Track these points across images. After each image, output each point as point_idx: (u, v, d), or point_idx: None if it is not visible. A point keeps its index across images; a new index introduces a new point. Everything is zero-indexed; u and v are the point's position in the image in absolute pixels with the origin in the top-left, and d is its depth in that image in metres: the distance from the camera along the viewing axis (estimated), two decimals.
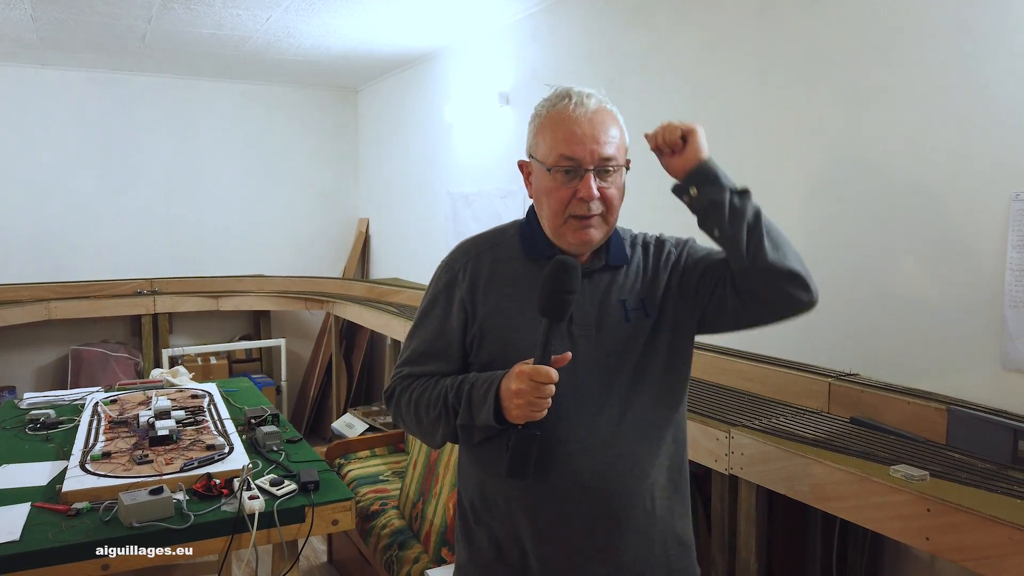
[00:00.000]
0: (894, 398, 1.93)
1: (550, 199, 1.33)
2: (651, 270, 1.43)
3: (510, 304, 1.36)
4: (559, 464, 1.31)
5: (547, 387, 1.20)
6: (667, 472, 1.40)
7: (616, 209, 1.35)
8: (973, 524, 1.37)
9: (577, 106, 1.32)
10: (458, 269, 1.42)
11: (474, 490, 1.43)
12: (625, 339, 1.35)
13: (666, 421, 1.40)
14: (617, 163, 1.33)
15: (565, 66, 3.44)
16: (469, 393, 1.31)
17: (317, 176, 5.94)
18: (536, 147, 1.37)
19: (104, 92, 5.20)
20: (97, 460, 2.31)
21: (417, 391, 1.39)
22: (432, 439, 1.41)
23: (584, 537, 1.34)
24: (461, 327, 1.39)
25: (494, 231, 1.48)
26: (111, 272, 5.24)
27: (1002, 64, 1.81)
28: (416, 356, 1.43)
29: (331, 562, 3.67)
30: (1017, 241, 1.77)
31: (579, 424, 1.32)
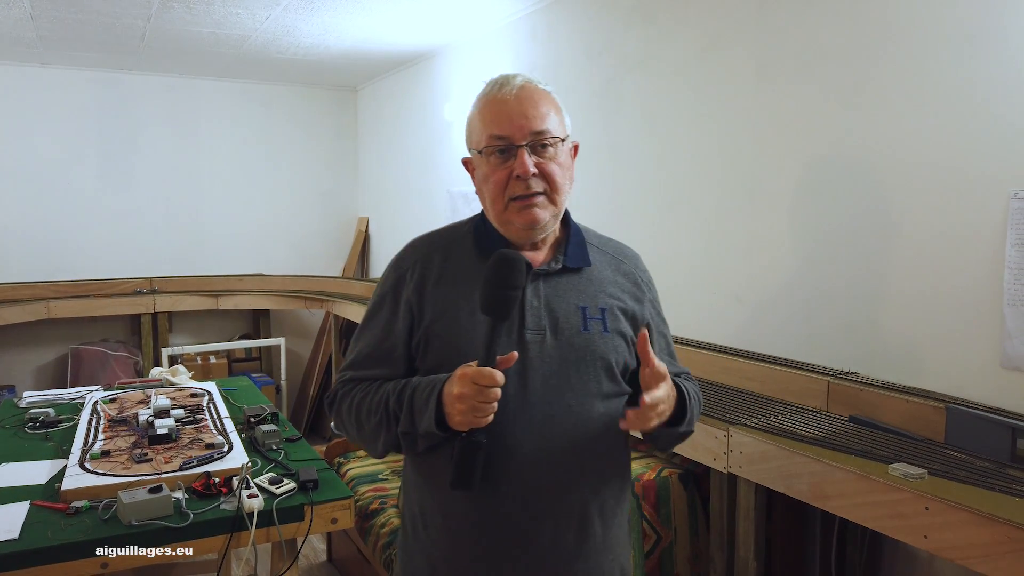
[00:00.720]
0: (893, 396, 1.93)
1: (488, 185, 1.27)
2: (618, 287, 1.35)
3: (458, 306, 1.27)
4: (504, 479, 1.22)
5: (492, 391, 1.12)
6: (617, 496, 1.33)
7: (560, 186, 1.27)
8: (971, 522, 1.37)
9: (502, 87, 1.28)
10: (406, 269, 1.34)
11: (415, 504, 1.35)
12: (581, 348, 1.27)
13: (617, 440, 1.32)
14: (552, 135, 1.26)
15: (564, 65, 3.44)
16: (411, 398, 1.22)
17: (317, 175, 5.94)
18: (470, 137, 1.32)
19: (104, 91, 5.20)
20: (96, 459, 2.31)
21: (359, 396, 1.31)
22: (374, 448, 1.32)
23: (529, 564, 1.24)
24: (407, 330, 1.31)
25: (448, 228, 1.41)
26: (111, 271, 5.24)
27: (1001, 63, 1.81)
28: (361, 360, 1.35)
29: (330, 561, 3.67)
30: (1016, 240, 1.77)
31: (527, 436, 1.23)
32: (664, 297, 1.50)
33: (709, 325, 2.70)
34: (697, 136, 2.75)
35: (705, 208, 2.72)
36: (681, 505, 2.17)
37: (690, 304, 2.77)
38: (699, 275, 2.73)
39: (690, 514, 2.19)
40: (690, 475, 2.21)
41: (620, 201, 3.13)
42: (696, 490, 2.22)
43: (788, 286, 2.41)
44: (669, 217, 2.86)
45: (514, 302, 1.17)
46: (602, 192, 3.22)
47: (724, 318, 2.64)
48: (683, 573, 2.19)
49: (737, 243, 2.58)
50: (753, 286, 2.53)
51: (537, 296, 1.28)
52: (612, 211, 3.16)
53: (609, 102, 3.16)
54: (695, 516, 2.19)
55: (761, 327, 2.50)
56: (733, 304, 2.59)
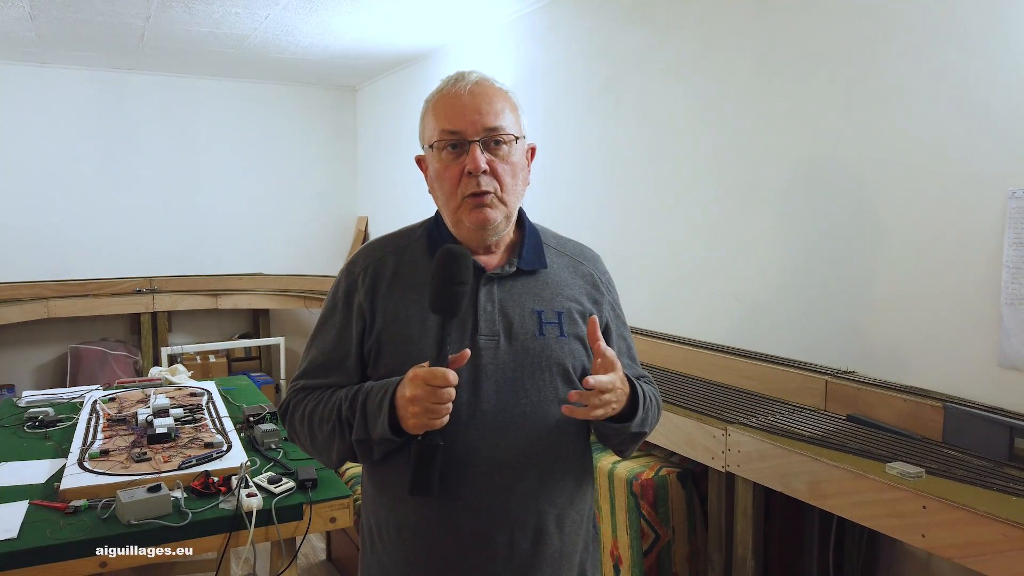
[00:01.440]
0: (890, 395, 1.94)
1: (441, 182, 1.24)
2: (576, 289, 1.31)
3: (410, 312, 1.23)
4: (457, 489, 1.19)
5: (445, 391, 1.08)
6: (571, 501, 1.28)
7: (510, 187, 1.23)
8: (969, 521, 1.37)
9: (457, 82, 1.26)
10: (358, 273, 1.30)
11: (371, 515, 1.31)
12: (536, 353, 1.23)
13: (576, 447, 1.29)
14: (506, 134, 1.22)
15: (564, 64, 3.44)
16: (363, 404, 1.18)
17: (316, 174, 5.95)
18: (422, 133, 1.29)
19: (103, 90, 5.20)
20: (95, 458, 2.31)
21: (311, 405, 1.27)
22: (328, 458, 1.27)
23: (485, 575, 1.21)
24: (359, 337, 1.27)
25: (401, 231, 1.37)
26: (110, 270, 5.24)
27: (999, 62, 1.81)
28: (313, 368, 1.31)
29: (330, 559, 3.67)
30: (1014, 239, 1.77)
31: (481, 444, 1.19)
32: (662, 296, 1.51)
33: (707, 324, 2.71)
34: (696, 136, 2.75)
35: (703, 207, 2.72)
36: (679, 504, 2.18)
37: (688, 303, 2.77)
38: (697, 274, 2.73)
39: (688, 513, 2.19)
40: (688, 474, 2.21)
41: (618, 200, 3.13)
42: (694, 489, 2.22)
43: (786, 285, 2.41)
44: (667, 217, 2.86)
45: (462, 298, 1.13)
46: (600, 191, 3.22)
47: (722, 317, 2.64)
48: (681, 572, 2.19)
49: (736, 242, 2.59)
50: (751, 285, 2.54)
51: (491, 300, 1.24)
52: (610, 210, 3.16)
53: (608, 102, 3.16)
54: (693, 515, 2.20)
55: (759, 326, 2.51)
56: (731, 303, 2.59)
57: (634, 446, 1.35)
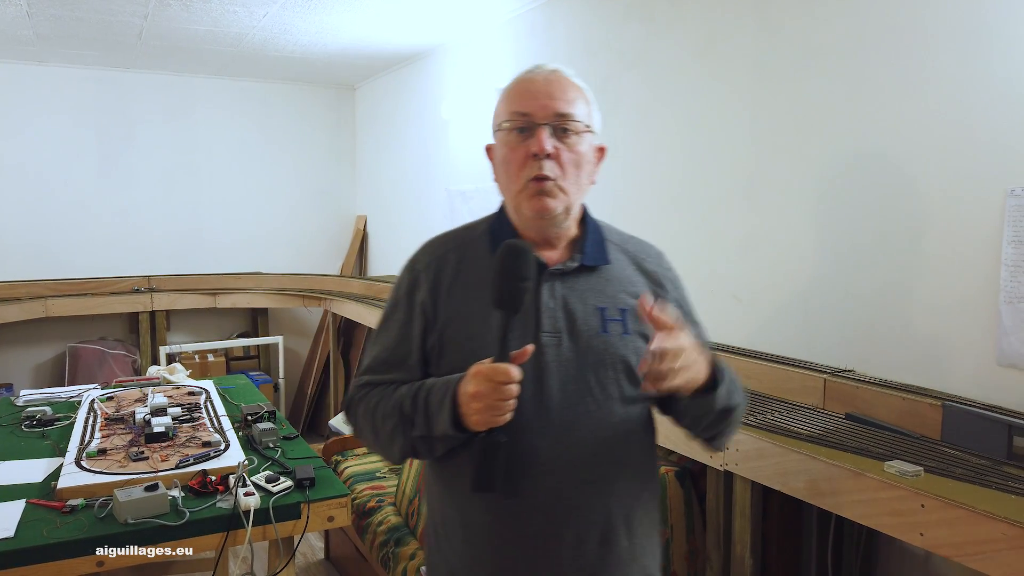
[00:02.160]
0: (889, 394, 1.93)
1: (506, 165, 1.23)
2: (639, 286, 1.29)
3: (472, 309, 1.23)
4: (522, 488, 1.18)
5: (508, 387, 1.07)
6: (640, 502, 1.27)
7: (573, 178, 1.22)
8: (967, 519, 1.36)
9: (534, 70, 1.25)
10: (420, 271, 1.30)
11: (437, 513, 1.31)
12: (600, 350, 1.21)
13: (643, 447, 1.28)
14: (576, 121, 1.21)
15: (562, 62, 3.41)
16: (426, 400, 1.18)
17: (315, 173, 5.94)
18: (494, 119, 1.28)
19: (101, 89, 5.19)
20: (93, 457, 2.31)
21: (374, 401, 1.27)
22: (391, 453, 1.28)
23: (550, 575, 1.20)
24: (420, 335, 1.27)
25: (463, 228, 1.36)
26: (108, 269, 5.24)
27: (998, 61, 1.81)
28: (376, 364, 1.31)
29: (328, 559, 3.67)
30: (1012, 237, 1.77)
31: (545, 442, 1.18)
32: None
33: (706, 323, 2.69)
34: (695, 133, 2.74)
35: (702, 206, 2.71)
36: (677, 502, 2.17)
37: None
38: (696, 273, 2.73)
39: (686, 512, 2.19)
40: (686, 472, 2.21)
41: (617, 199, 3.13)
42: (692, 488, 2.22)
43: (785, 284, 2.40)
44: (666, 215, 2.86)
45: (525, 293, 1.10)
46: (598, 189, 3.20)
47: (721, 316, 2.63)
48: (679, 570, 2.18)
49: (734, 241, 2.58)
50: (750, 284, 2.53)
51: (553, 297, 1.23)
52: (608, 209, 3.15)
53: (607, 99, 3.15)
54: (691, 514, 2.19)
55: (758, 325, 2.50)
56: (730, 302, 2.59)
57: (726, 430, 1.29)
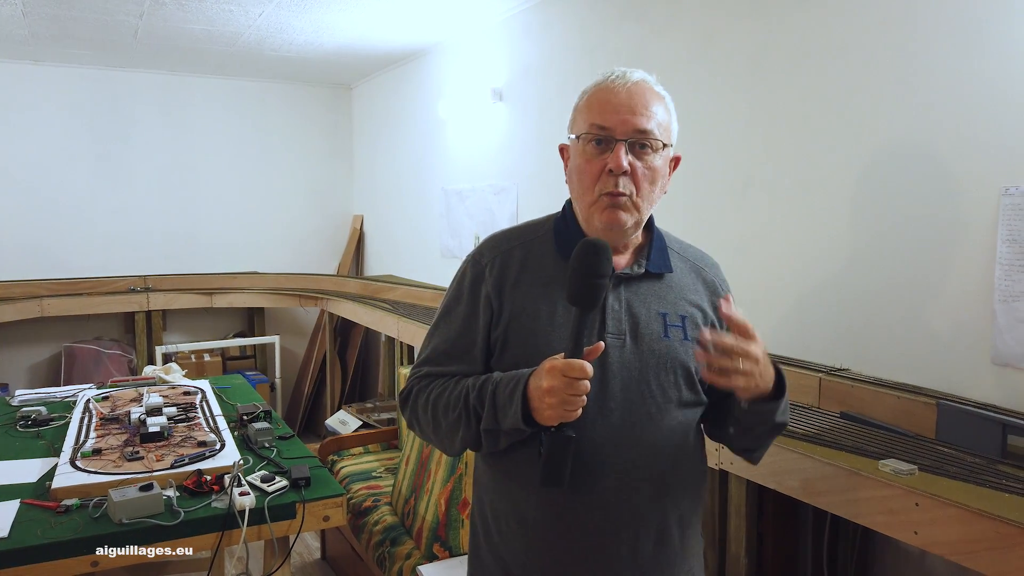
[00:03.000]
0: (884, 393, 1.93)
1: (581, 175, 1.24)
2: (699, 295, 1.32)
3: (538, 306, 1.25)
4: (583, 486, 1.20)
5: (581, 383, 1.08)
6: (692, 504, 1.31)
7: (647, 193, 1.24)
8: (961, 518, 1.37)
9: (618, 79, 1.25)
10: (486, 264, 1.31)
11: (487, 505, 1.32)
12: (661, 354, 1.24)
13: (697, 449, 1.32)
14: (655, 139, 1.22)
15: (559, 61, 3.44)
16: (493, 394, 1.18)
17: (311, 173, 5.93)
18: (573, 123, 1.29)
19: (96, 88, 5.18)
20: (87, 457, 2.30)
21: (435, 392, 1.28)
22: (451, 445, 1.28)
23: (606, 573, 1.23)
24: (486, 327, 1.28)
25: (528, 225, 1.38)
26: (104, 269, 5.23)
27: (993, 60, 1.81)
28: (437, 355, 1.32)
29: (324, 558, 3.67)
30: (1007, 236, 1.77)
31: (607, 441, 1.20)
32: None
33: None
34: (689, 133, 2.74)
35: (698, 205, 2.72)
36: None
37: None
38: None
39: None
40: None
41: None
42: None
43: (780, 283, 2.41)
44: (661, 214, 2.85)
45: (602, 291, 1.12)
46: None
47: None
48: None
49: (729, 240, 2.58)
50: (745, 283, 2.53)
51: (618, 300, 1.25)
52: None
53: None
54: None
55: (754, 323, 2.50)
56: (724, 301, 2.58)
57: (768, 445, 1.34)
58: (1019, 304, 1.76)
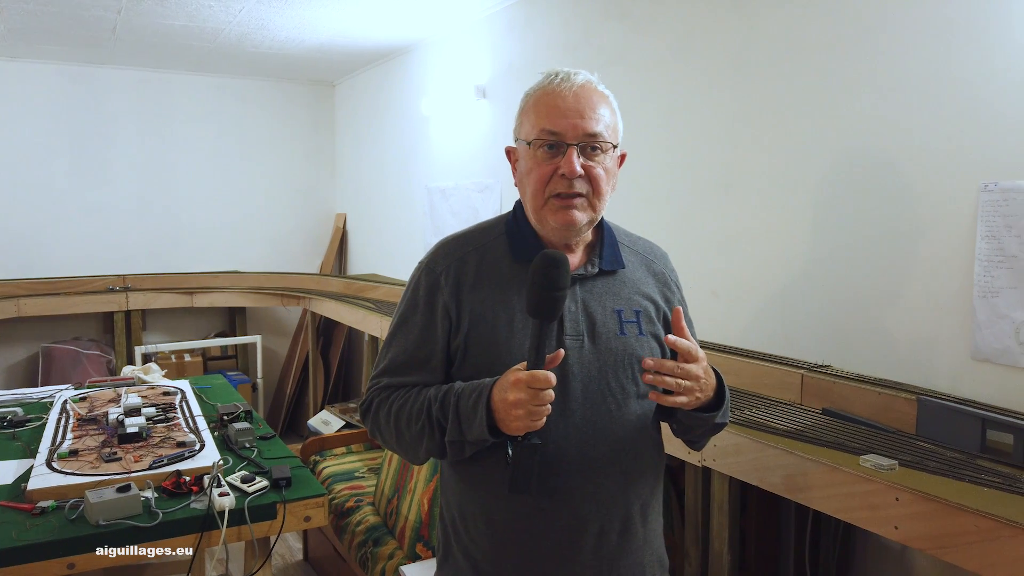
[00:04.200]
0: (865, 389, 1.94)
1: (531, 178, 1.25)
2: (650, 287, 1.34)
3: (497, 313, 1.25)
4: (548, 486, 1.22)
5: (546, 393, 1.11)
6: (652, 490, 1.34)
7: (603, 193, 1.26)
8: (940, 512, 1.37)
9: (563, 81, 1.26)
10: (440, 272, 1.30)
11: (456, 507, 1.34)
12: (618, 352, 1.26)
13: (655, 440, 1.34)
14: (604, 141, 1.24)
15: (542, 59, 3.43)
16: (456, 406, 1.19)
17: (293, 171, 5.89)
18: (520, 127, 1.30)
19: (74, 85, 5.11)
20: (64, 458, 2.27)
21: (397, 404, 1.28)
22: (415, 455, 1.29)
23: (575, 567, 1.25)
24: (445, 337, 1.28)
25: (479, 229, 1.37)
26: (82, 268, 5.16)
27: (972, 57, 1.82)
28: (395, 366, 1.31)
29: (307, 560, 3.64)
30: (986, 232, 1.79)
31: (571, 442, 1.22)
32: None
33: None
34: (672, 130, 2.75)
35: (681, 203, 2.72)
36: None
37: None
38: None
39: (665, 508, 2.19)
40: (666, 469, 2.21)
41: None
42: (671, 484, 2.22)
43: (763, 280, 2.41)
44: (644, 211, 2.85)
45: (562, 302, 1.14)
46: None
47: (699, 312, 2.62)
48: None
49: (712, 238, 2.59)
50: (728, 281, 2.54)
51: (575, 301, 1.26)
52: None
53: None
54: (670, 510, 2.20)
55: (736, 321, 2.51)
56: (708, 298, 2.59)
57: (709, 438, 1.43)
58: (998, 300, 1.77)
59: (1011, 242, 1.74)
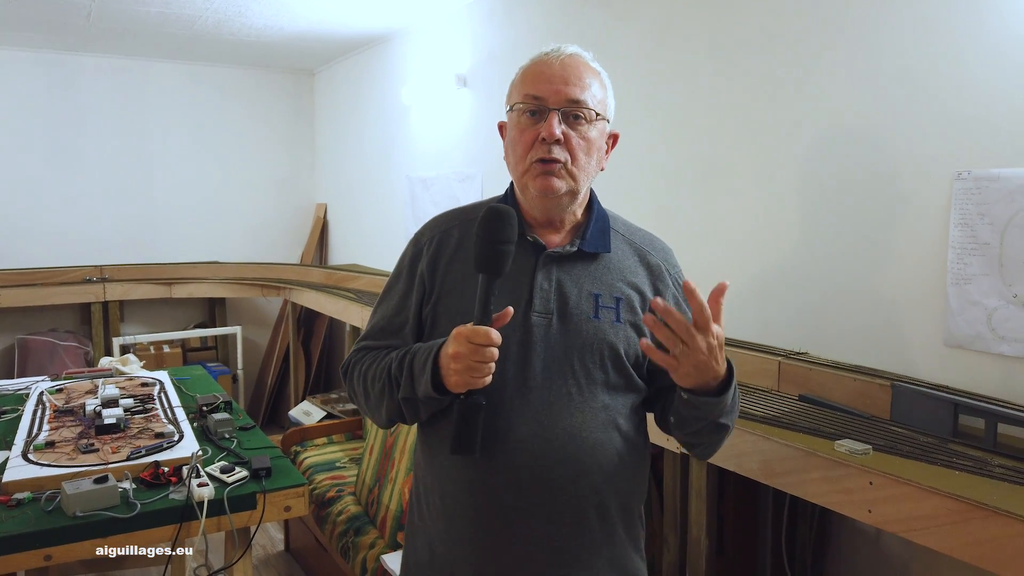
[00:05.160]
0: (841, 375, 1.97)
1: (514, 145, 1.25)
2: (639, 278, 1.29)
3: (468, 283, 1.23)
4: (498, 464, 1.19)
5: (488, 350, 1.08)
6: (617, 494, 1.25)
7: (582, 163, 1.22)
8: (913, 496, 1.40)
9: (552, 52, 1.26)
10: (424, 243, 1.33)
11: (421, 481, 1.33)
12: (588, 335, 1.22)
13: (627, 434, 1.26)
14: (588, 109, 1.22)
15: (522, 47, 3.42)
16: (411, 363, 1.20)
17: (273, 160, 5.84)
18: (509, 97, 1.29)
19: (48, 73, 5.03)
20: (40, 450, 2.25)
21: (367, 364, 1.31)
22: (379, 415, 1.30)
23: (522, 556, 1.21)
24: (418, 304, 1.30)
25: (471, 205, 1.37)
26: (59, 259, 5.09)
27: (946, 47, 1.84)
28: (375, 331, 1.36)
29: (288, 550, 3.64)
30: (959, 219, 1.81)
31: (524, 420, 1.19)
32: None
33: None
34: (653, 120, 2.75)
35: (660, 192, 2.73)
36: None
37: None
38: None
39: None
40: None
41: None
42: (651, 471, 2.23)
43: (741, 269, 2.43)
44: (624, 201, 2.86)
45: (507, 257, 1.12)
46: None
47: None
48: None
49: (691, 227, 2.60)
50: (707, 270, 2.55)
51: (548, 279, 1.24)
52: None
53: None
54: (649, 497, 2.21)
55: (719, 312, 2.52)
56: None
57: (713, 443, 1.27)
58: (971, 287, 1.80)
59: (984, 230, 1.76)
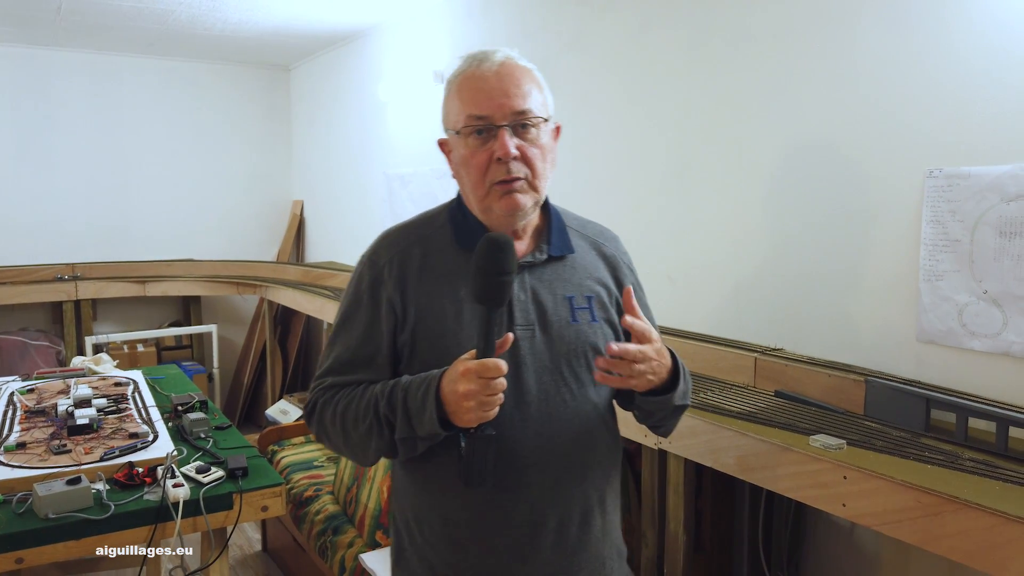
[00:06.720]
0: (816, 371, 1.99)
1: (468, 168, 1.20)
2: (602, 272, 1.31)
3: (443, 305, 1.21)
4: (504, 480, 1.18)
5: (497, 382, 1.07)
6: (610, 481, 1.32)
7: (540, 171, 1.21)
8: (886, 489, 1.42)
9: (482, 63, 1.22)
10: (383, 265, 1.25)
11: (409, 510, 1.30)
12: (571, 340, 1.23)
13: (610, 428, 1.32)
14: (534, 116, 1.19)
15: (500, 43, 3.38)
16: (404, 401, 1.14)
17: (249, 157, 5.77)
18: (447, 116, 1.25)
19: (18, 67, 4.93)
20: (11, 451, 2.21)
21: (342, 404, 1.22)
22: (364, 456, 1.24)
23: (536, 561, 1.22)
24: (391, 332, 1.23)
25: (421, 219, 1.33)
26: (30, 257, 5.00)
27: (918, 45, 1.86)
28: (340, 365, 1.26)
29: (265, 550, 3.61)
30: (931, 216, 1.84)
31: (527, 434, 1.19)
32: None
33: None
34: (630, 117, 2.76)
35: (637, 189, 2.74)
36: None
37: None
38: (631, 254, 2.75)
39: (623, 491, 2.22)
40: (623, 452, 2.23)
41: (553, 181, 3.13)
42: (628, 467, 2.25)
43: (718, 266, 2.45)
44: (601, 198, 2.87)
45: (508, 288, 1.10)
46: None
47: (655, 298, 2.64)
48: None
49: (669, 224, 2.61)
50: (684, 266, 2.57)
51: (524, 289, 1.22)
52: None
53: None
54: (627, 493, 2.22)
55: (691, 306, 2.54)
56: (664, 284, 2.62)
57: (675, 422, 1.37)
58: (942, 283, 1.82)
59: (955, 227, 1.79)
